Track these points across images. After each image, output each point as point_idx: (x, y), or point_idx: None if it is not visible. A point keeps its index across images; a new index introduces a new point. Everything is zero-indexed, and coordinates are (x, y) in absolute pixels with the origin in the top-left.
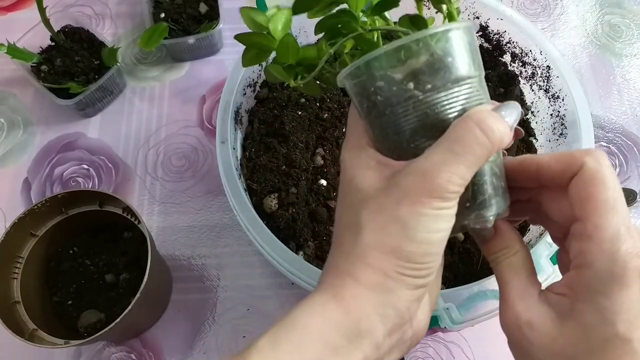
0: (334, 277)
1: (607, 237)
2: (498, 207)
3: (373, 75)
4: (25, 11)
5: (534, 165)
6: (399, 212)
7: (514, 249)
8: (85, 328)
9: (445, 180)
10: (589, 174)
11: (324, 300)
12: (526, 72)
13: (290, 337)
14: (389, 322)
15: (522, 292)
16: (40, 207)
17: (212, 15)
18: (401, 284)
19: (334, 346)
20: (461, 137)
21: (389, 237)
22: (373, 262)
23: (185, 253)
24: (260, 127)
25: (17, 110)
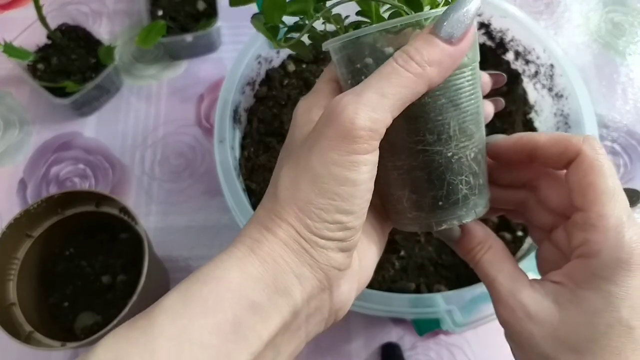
0: (254, 230)
1: (612, 225)
2: (474, 206)
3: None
4: (22, 9)
5: (530, 145)
6: (310, 160)
7: (488, 244)
8: (82, 330)
9: (352, 112)
10: (587, 162)
11: (242, 254)
12: (529, 70)
13: (203, 292)
14: (307, 285)
15: (511, 286)
16: (36, 208)
17: (210, 12)
18: (315, 244)
19: (252, 303)
20: (380, 70)
21: (300, 191)
22: (287, 219)
23: (183, 254)
24: (259, 126)
25: (13, 110)
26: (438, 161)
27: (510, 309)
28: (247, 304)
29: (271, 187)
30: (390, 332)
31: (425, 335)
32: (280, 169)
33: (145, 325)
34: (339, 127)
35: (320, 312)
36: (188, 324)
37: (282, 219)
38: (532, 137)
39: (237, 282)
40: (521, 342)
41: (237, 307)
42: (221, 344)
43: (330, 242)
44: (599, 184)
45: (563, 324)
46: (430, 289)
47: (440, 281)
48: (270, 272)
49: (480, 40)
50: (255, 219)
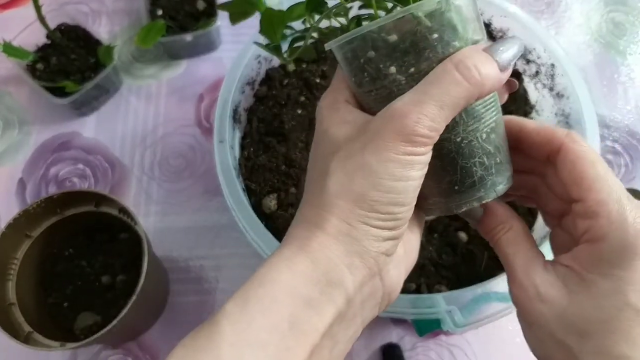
0: (301, 229)
1: (613, 209)
2: (492, 185)
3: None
4: (21, 9)
5: (518, 128)
6: (364, 157)
7: (509, 224)
8: (82, 330)
9: (414, 121)
10: (573, 153)
11: (291, 254)
12: (530, 70)
13: (259, 295)
14: (357, 274)
15: (526, 266)
16: (36, 208)
17: (210, 12)
18: (366, 234)
19: (306, 299)
20: (437, 78)
21: (354, 184)
22: (338, 212)
23: (183, 254)
24: (259, 126)
25: (12, 109)
26: (448, 147)
27: (523, 288)
28: (301, 301)
29: (315, 183)
30: (390, 333)
31: (426, 336)
32: (326, 167)
33: (209, 333)
34: (399, 131)
35: (373, 297)
36: (247, 327)
37: (332, 213)
38: (520, 120)
39: (289, 281)
40: (531, 321)
41: (292, 305)
42: (280, 341)
43: (382, 230)
44: (590, 171)
45: (572, 306)
46: (431, 289)
47: (440, 281)
48: (321, 266)
49: None
50: (301, 218)
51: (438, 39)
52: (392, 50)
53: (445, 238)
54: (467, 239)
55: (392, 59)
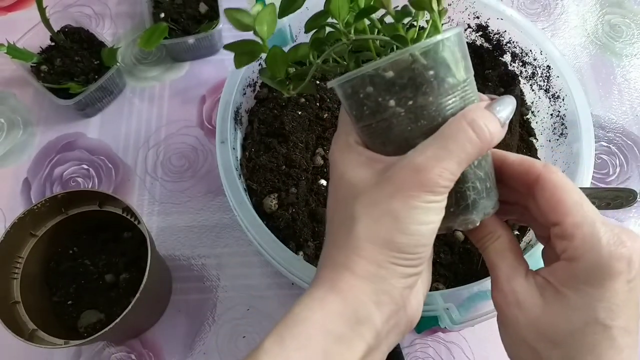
0: (329, 270)
1: (587, 232)
2: (483, 208)
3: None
4: (25, 11)
5: (500, 160)
6: (391, 205)
7: (497, 234)
8: (85, 328)
9: (437, 175)
10: (551, 183)
11: (322, 294)
12: (526, 72)
13: (294, 333)
14: (385, 309)
15: (509, 274)
16: (40, 207)
17: (212, 15)
18: (393, 273)
19: (337, 335)
20: (454, 135)
21: (382, 229)
22: (366, 254)
23: (185, 253)
24: (260, 127)
25: (17, 110)
26: None
27: (504, 294)
28: (332, 338)
29: (341, 227)
30: None
31: (424, 333)
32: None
33: None
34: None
35: (397, 327)
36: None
37: (360, 255)
38: (503, 153)
39: (322, 320)
40: (507, 324)
41: (324, 342)
42: None
43: (407, 268)
44: (567, 198)
45: (545, 315)
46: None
47: (438, 279)
48: (351, 305)
49: (477, 42)
50: (329, 260)
51: (434, 76)
52: (391, 85)
53: (442, 237)
54: (464, 238)
55: (391, 94)
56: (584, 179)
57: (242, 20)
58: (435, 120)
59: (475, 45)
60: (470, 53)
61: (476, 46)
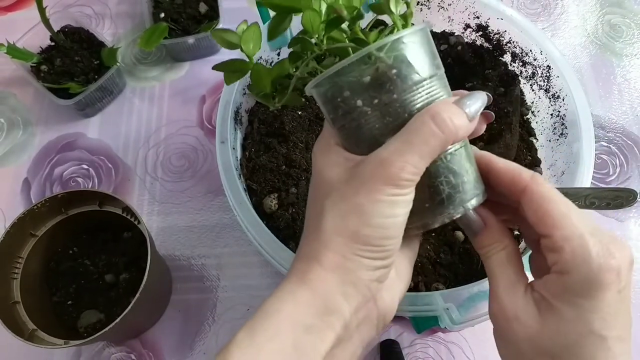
0: (301, 262)
1: (576, 245)
2: (461, 202)
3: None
4: (25, 11)
5: (487, 164)
6: (357, 199)
7: (503, 244)
8: (85, 328)
9: (399, 168)
10: (537, 194)
11: (293, 286)
12: (526, 72)
13: (265, 325)
14: (352, 300)
15: (509, 287)
16: (40, 207)
17: (212, 15)
18: (359, 264)
19: (306, 326)
20: (416, 129)
21: (348, 223)
22: (334, 247)
23: (185, 253)
24: (260, 127)
25: (16, 110)
26: None
27: (503, 308)
28: (303, 328)
29: (313, 222)
30: (389, 329)
31: (424, 333)
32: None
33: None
34: (387, 177)
35: (369, 319)
36: (255, 352)
37: (328, 248)
38: (490, 158)
39: (292, 311)
40: (506, 339)
41: (295, 332)
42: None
43: (373, 261)
44: (554, 210)
45: (542, 330)
46: (429, 287)
47: (438, 280)
48: (319, 296)
49: (477, 42)
50: (301, 253)
51: (396, 74)
52: (359, 86)
53: (442, 237)
54: (464, 238)
55: (358, 94)
56: (584, 179)
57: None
58: (401, 117)
59: (475, 45)
60: (470, 53)
61: (476, 46)
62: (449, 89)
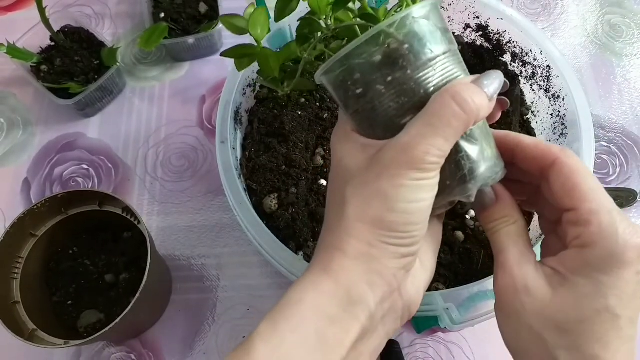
0: (323, 253)
1: (605, 219)
2: (483, 178)
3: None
4: (25, 11)
5: (515, 142)
6: (379, 185)
7: (514, 218)
8: (85, 328)
9: (423, 152)
10: (568, 167)
11: (315, 276)
12: (526, 72)
13: (287, 315)
14: (378, 290)
15: (519, 259)
16: (40, 207)
17: (212, 15)
18: (385, 252)
19: (330, 316)
20: (438, 111)
21: (372, 209)
22: (357, 234)
23: (185, 253)
24: (260, 127)
25: (16, 110)
26: None
27: (513, 278)
28: (326, 319)
29: (334, 210)
30: None
31: (424, 333)
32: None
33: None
34: (411, 161)
35: (393, 311)
36: (279, 345)
37: (352, 235)
38: (518, 136)
39: (314, 301)
40: (510, 312)
41: (317, 322)
42: (308, 355)
43: (399, 248)
44: (584, 183)
45: (554, 303)
46: (429, 287)
47: (438, 279)
48: (343, 286)
49: (477, 42)
50: (323, 243)
51: (409, 49)
52: (370, 67)
53: (442, 237)
54: (464, 238)
55: (371, 74)
56: None
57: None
58: (417, 95)
59: (475, 45)
60: (470, 53)
61: (476, 46)
62: (464, 65)
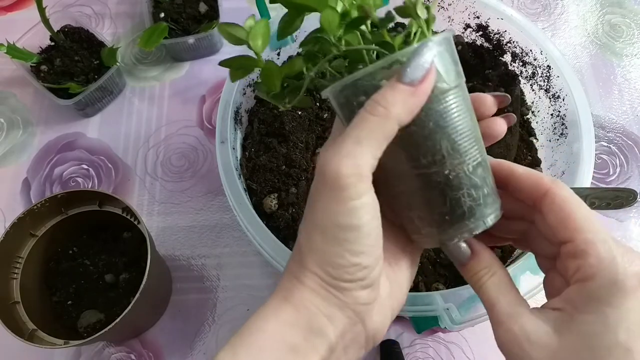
0: (286, 280)
1: (601, 248)
2: (481, 216)
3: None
4: (25, 11)
5: (508, 171)
6: (314, 216)
7: (493, 269)
8: (85, 328)
9: (335, 164)
10: (560, 197)
11: (277, 304)
12: (526, 71)
13: (248, 344)
14: (338, 323)
15: (513, 310)
16: (40, 207)
17: (212, 15)
18: (338, 287)
19: (291, 345)
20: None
21: (314, 243)
22: (311, 267)
23: (185, 253)
24: (260, 127)
25: (16, 110)
26: (436, 180)
27: (511, 333)
28: (286, 348)
29: (299, 236)
30: (389, 330)
31: (424, 333)
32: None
33: None
34: (328, 181)
35: (356, 342)
36: None
37: (307, 268)
38: (510, 165)
39: (275, 330)
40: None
41: (277, 353)
42: None
43: (352, 283)
44: (577, 213)
45: (562, 348)
46: (429, 287)
47: (438, 280)
48: (303, 316)
49: (477, 42)
50: (287, 270)
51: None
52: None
53: None
54: None
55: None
56: (584, 179)
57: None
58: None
59: (475, 45)
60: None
61: (476, 46)
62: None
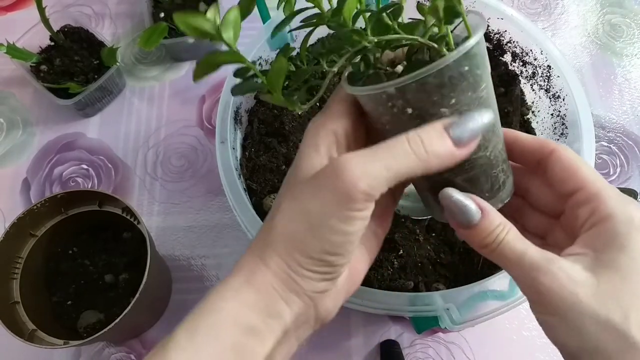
0: (250, 260)
1: (614, 193)
2: (510, 187)
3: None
4: (25, 11)
5: (512, 137)
6: (309, 204)
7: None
8: (85, 328)
9: (357, 176)
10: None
11: (238, 285)
12: (527, 71)
13: (206, 323)
14: (294, 307)
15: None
16: (40, 207)
17: None
18: (302, 276)
19: (249, 327)
20: (389, 145)
21: (295, 229)
22: (280, 252)
23: (185, 253)
24: (260, 126)
25: (16, 110)
26: (483, 162)
27: (553, 275)
28: (244, 329)
29: (269, 218)
30: (389, 330)
31: (424, 333)
32: (281, 200)
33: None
34: (341, 186)
35: (307, 323)
36: (194, 353)
37: (275, 251)
38: (515, 132)
39: (234, 311)
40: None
41: (236, 334)
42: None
43: (316, 274)
44: (584, 166)
45: (602, 284)
46: (429, 287)
47: (438, 280)
48: (264, 299)
49: None
50: (251, 250)
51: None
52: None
53: (443, 237)
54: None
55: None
56: None
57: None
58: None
59: None
60: None
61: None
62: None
